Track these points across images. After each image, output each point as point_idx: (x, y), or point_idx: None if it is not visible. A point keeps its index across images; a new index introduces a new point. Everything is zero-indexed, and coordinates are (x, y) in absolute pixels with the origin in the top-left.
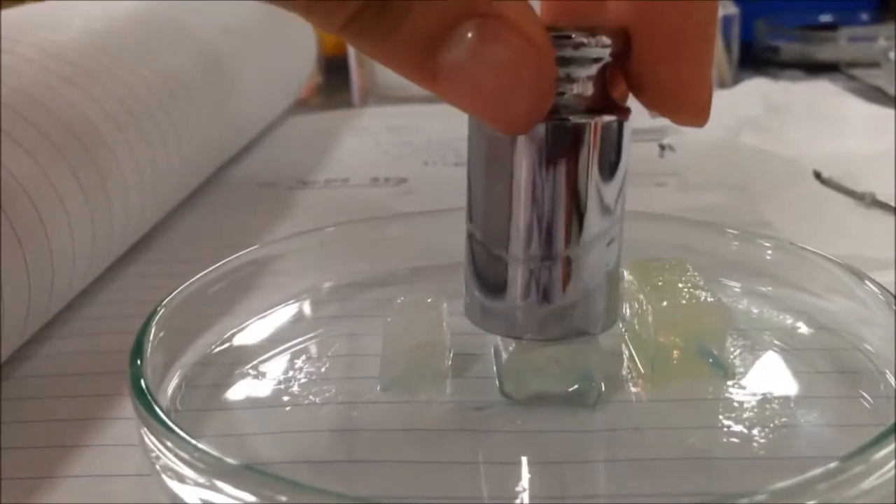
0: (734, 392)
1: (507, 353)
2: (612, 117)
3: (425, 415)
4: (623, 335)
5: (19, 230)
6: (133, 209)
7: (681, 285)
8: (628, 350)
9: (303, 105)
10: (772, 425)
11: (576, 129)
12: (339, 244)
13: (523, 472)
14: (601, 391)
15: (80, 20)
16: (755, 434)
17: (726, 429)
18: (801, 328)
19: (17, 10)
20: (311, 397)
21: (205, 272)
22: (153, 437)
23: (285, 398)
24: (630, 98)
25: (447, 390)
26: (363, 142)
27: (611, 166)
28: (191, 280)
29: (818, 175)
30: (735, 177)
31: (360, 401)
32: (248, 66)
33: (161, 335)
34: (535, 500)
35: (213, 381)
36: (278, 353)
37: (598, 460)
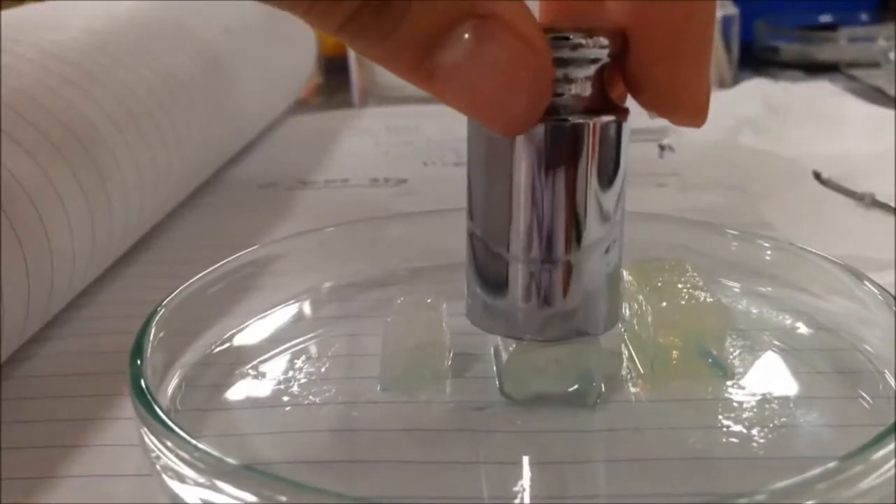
0: (734, 392)
1: (507, 353)
2: (611, 118)
3: (425, 415)
4: (622, 335)
5: (19, 230)
6: (133, 209)
7: (680, 286)
8: (628, 350)
9: (303, 105)
10: (771, 425)
11: (574, 129)
12: (339, 244)
13: (523, 472)
14: (601, 391)
15: (80, 20)
16: (754, 434)
17: (726, 429)
18: (800, 328)
19: (17, 10)
20: (311, 397)
21: (205, 272)
22: (153, 437)
23: (285, 398)
24: (629, 98)
25: (447, 390)
26: (363, 142)
27: (610, 167)
28: (191, 280)
29: (818, 175)
30: (735, 177)
31: (359, 401)
32: (248, 66)
33: (161, 335)
34: (535, 501)
35: (213, 381)
36: (278, 353)
37: (597, 460)
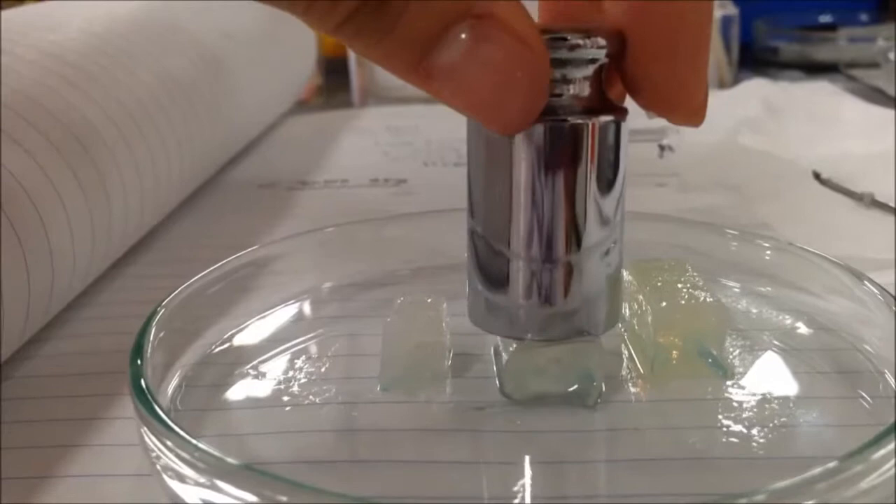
0: (733, 392)
1: (507, 353)
2: (610, 117)
3: (425, 415)
4: (623, 335)
5: (19, 230)
6: (133, 210)
7: (680, 286)
8: (628, 350)
9: (303, 106)
10: (771, 425)
11: (573, 129)
12: (339, 245)
13: (523, 472)
14: (601, 391)
15: (80, 21)
16: (754, 434)
17: (726, 429)
18: (800, 328)
19: (17, 10)
20: (311, 397)
21: (205, 272)
22: (153, 437)
23: (285, 398)
24: (628, 98)
25: (447, 390)
26: (363, 142)
27: (609, 167)
28: (191, 280)
29: (817, 175)
30: (734, 177)
31: (359, 401)
32: (249, 67)
33: (161, 335)
34: (535, 500)
35: (213, 380)
36: (278, 353)
37: (597, 460)
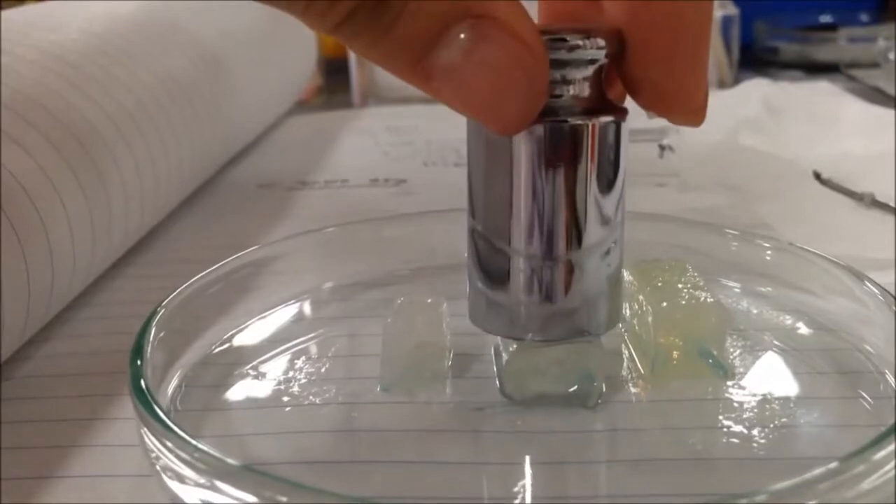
0: (734, 392)
1: (507, 353)
2: (610, 118)
3: (425, 415)
4: (623, 336)
5: (19, 230)
6: (133, 210)
7: (680, 286)
8: (628, 350)
9: (303, 106)
10: (772, 425)
11: (573, 130)
12: (339, 245)
13: (523, 472)
14: (602, 392)
15: (81, 21)
16: (755, 434)
17: (726, 429)
18: (800, 329)
19: (17, 10)
20: (311, 398)
21: (205, 273)
22: (153, 438)
23: (285, 398)
24: (628, 98)
25: (447, 391)
26: (363, 142)
27: (609, 167)
28: (191, 280)
29: (818, 175)
30: (735, 177)
31: (360, 401)
32: (249, 67)
33: (161, 335)
34: (535, 501)
35: (213, 381)
36: (278, 353)
37: (598, 461)
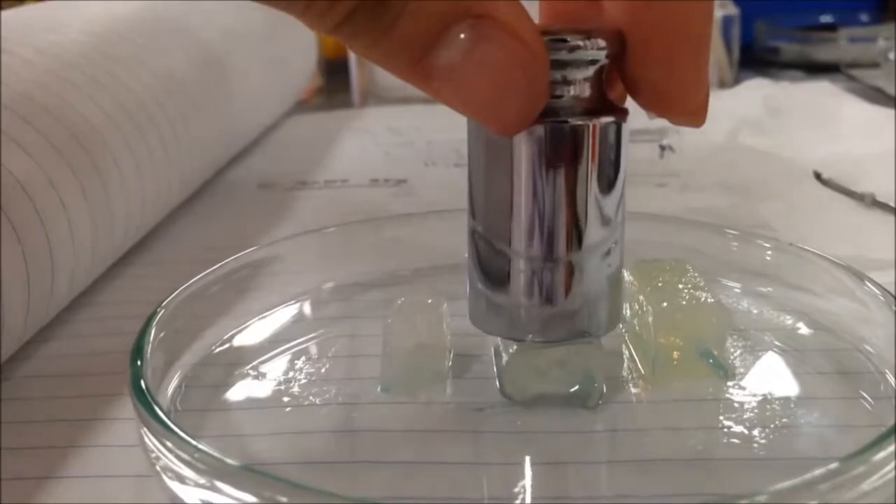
0: (734, 393)
1: (507, 354)
2: (610, 118)
3: (425, 416)
4: (623, 336)
5: (19, 230)
6: (133, 210)
7: (681, 286)
8: (628, 351)
9: (303, 106)
10: (772, 426)
11: (574, 130)
12: (340, 245)
13: (524, 472)
14: (602, 393)
15: (81, 21)
16: (755, 435)
17: (727, 429)
18: (801, 329)
19: (17, 10)
20: (311, 398)
21: (205, 273)
22: (153, 438)
23: (285, 399)
24: (628, 98)
25: (447, 391)
26: (363, 143)
27: (610, 167)
28: (191, 281)
29: (818, 176)
30: (735, 177)
31: (360, 402)
32: (249, 68)
33: (161, 336)
34: (535, 501)
35: (214, 381)
36: (278, 353)
37: (598, 461)
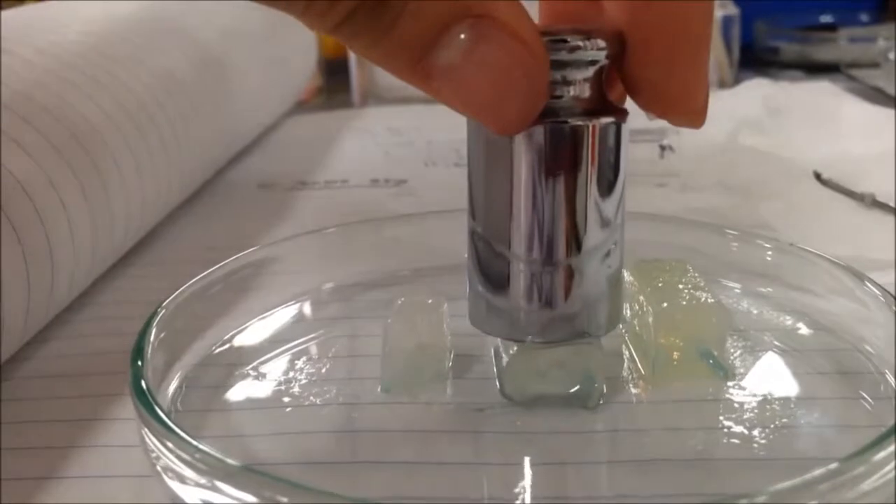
0: (734, 393)
1: (507, 354)
2: (610, 119)
3: (426, 416)
4: (623, 336)
5: (19, 230)
6: (133, 210)
7: (681, 286)
8: (628, 351)
9: (303, 106)
10: (772, 426)
11: (574, 131)
12: (340, 245)
13: (524, 473)
14: (602, 393)
15: (80, 22)
16: (755, 435)
17: (727, 430)
18: (801, 329)
19: (17, 10)
20: (311, 398)
21: (205, 273)
22: (154, 438)
23: (286, 399)
24: (628, 99)
25: (447, 391)
26: (363, 143)
27: (610, 168)
28: (191, 281)
29: (818, 176)
30: (735, 177)
31: (360, 402)
32: (249, 68)
33: (162, 336)
34: (535, 502)
35: (214, 381)
36: (279, 353)
37: (598, 461)
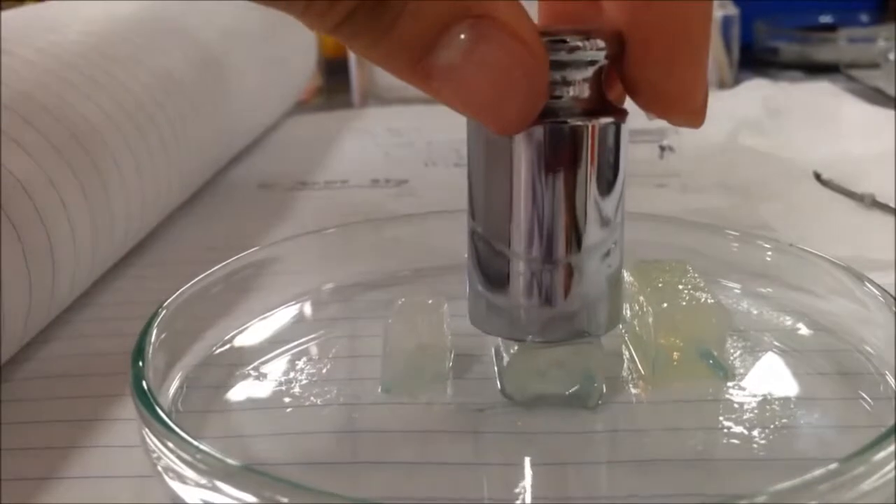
0: (734, 393)
1: (507, 354)
2: (609, 119)
3: (426, 416)
4: (623, 337)
5: (20, 230)
6: (133, 210)
7: (681, 287)
8: (628, 351)
9: (303, 106)
10: (772, 426)
11: (573, 131)
12: (340, 246)
13: (524, 473)
14: (602, 393)
15: (80, 22)
16: (755, 435)
17: (727, 430)
18: (801, 329)
19: (17, 11)
20: (312, 398)
21: (206, 273)
22: (155, 438)
23: (286, 399)
24: (628, 99)
25: (448, 392)
26: (363, 143)
27: (609, 168)
28: (192, 281)
29: (818, 176)
30: (735, 178)
31: (360, 402)
32: (249, 68)
33: (163, 336)
34: (535, 502)
35: (215, 382)
36: (279, 354)
37: (599, 461)
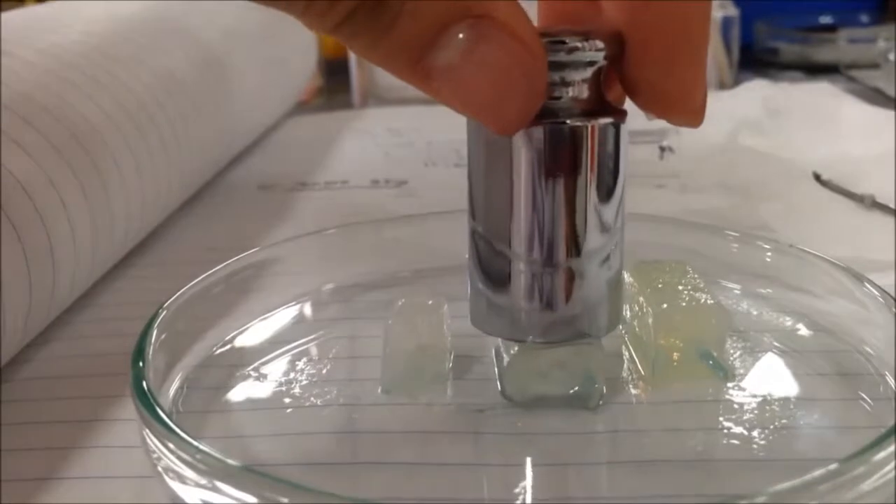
0: (734, 394)
1: (508, 355)
2: (609, 119)
3: (426, 417)
4: (623, 337)
5: (20, 231)
6: (133, 211)
7: (681, 287)
8: (628, 352)
9: (303, 107)
10: (772, 427)
11: (573, 131)
12: (340, 246)
13: (524, 473)
14: (602, 393)
15: (81, 22)
16: (755, 436)
17: (726, 430)
18: (800, 330)
19: (17, 11)
20: (312, 399)
21: (206, 274)
22: (155, 439)
23: (286, 400)
24: (628, 100)
25: (448, 392)
26: (363, 143)
27: (609, 168)
28: (192, 282)
29: (818, 177)
30: (735, 179)
31: (360, 403)
32: (249, 68)
33: (163, 337)
34: (536, 502)
35: (215, 382)
36: (279, 354)
37: (599, 462)
